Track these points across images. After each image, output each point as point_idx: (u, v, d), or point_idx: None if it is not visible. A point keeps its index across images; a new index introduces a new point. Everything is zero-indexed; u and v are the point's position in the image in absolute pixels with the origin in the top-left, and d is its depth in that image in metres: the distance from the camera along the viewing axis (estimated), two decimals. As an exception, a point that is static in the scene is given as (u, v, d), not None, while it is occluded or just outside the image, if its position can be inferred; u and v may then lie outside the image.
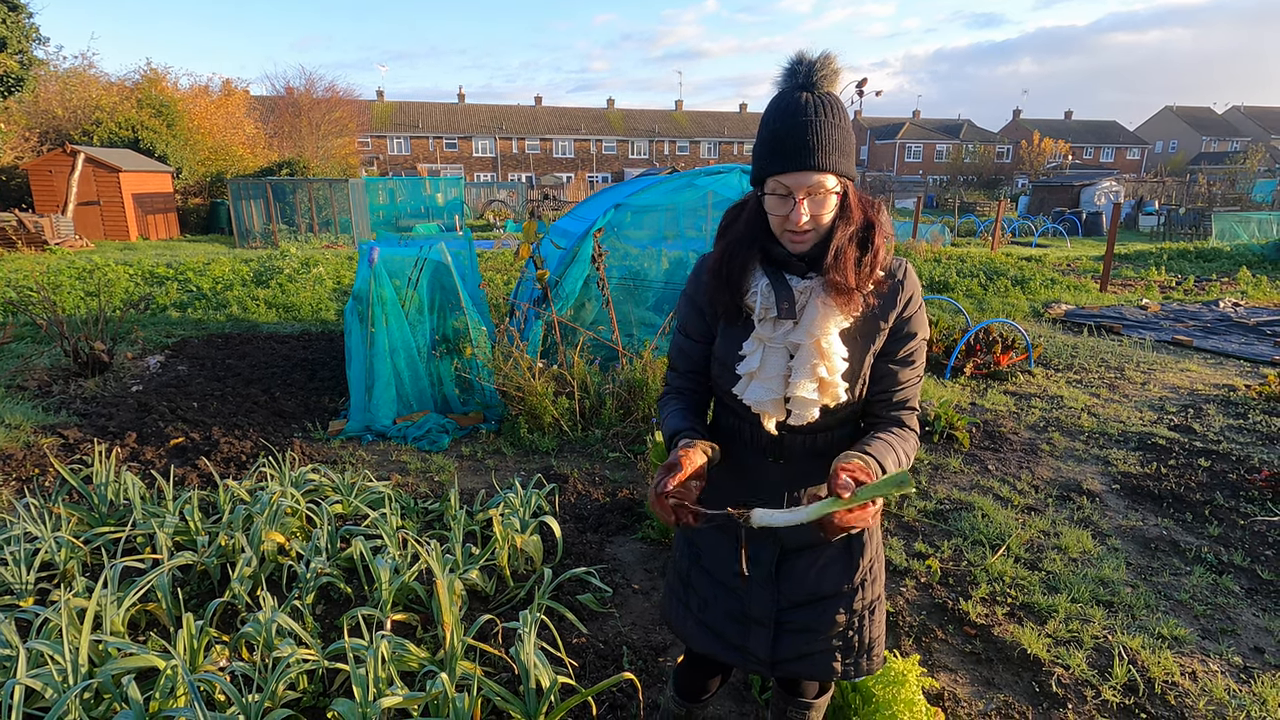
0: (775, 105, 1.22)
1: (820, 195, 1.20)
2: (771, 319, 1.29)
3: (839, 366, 1.27)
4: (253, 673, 1.97)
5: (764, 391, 1.30)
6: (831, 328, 1.26)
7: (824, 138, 1.18)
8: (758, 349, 1.31)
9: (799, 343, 1.27)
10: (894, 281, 1.31)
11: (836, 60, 1.20)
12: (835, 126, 1.19)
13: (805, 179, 1.19)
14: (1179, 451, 4.21)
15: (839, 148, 1.19)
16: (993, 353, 5.97)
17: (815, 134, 1.17)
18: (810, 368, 1.26)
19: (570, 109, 54.09)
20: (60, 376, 5.46)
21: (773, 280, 1.29)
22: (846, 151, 1.21)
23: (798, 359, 1.27)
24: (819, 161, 1.18)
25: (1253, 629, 2.57)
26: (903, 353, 1.33)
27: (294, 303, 8.74)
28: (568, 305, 5.09)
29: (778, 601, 1.42)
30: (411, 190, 25.46)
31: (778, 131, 1.20)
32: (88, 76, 24.61)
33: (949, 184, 46.00)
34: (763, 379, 1.30)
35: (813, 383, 1.26)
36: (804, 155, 1.18)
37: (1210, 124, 60.06)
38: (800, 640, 1.43)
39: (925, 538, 3.22)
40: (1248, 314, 8.55)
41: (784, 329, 1.28)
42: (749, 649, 1.45)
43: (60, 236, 15.88)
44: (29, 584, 2.52)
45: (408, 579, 2.50)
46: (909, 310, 1.32)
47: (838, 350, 1.27)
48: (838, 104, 1.21)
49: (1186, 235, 19.86)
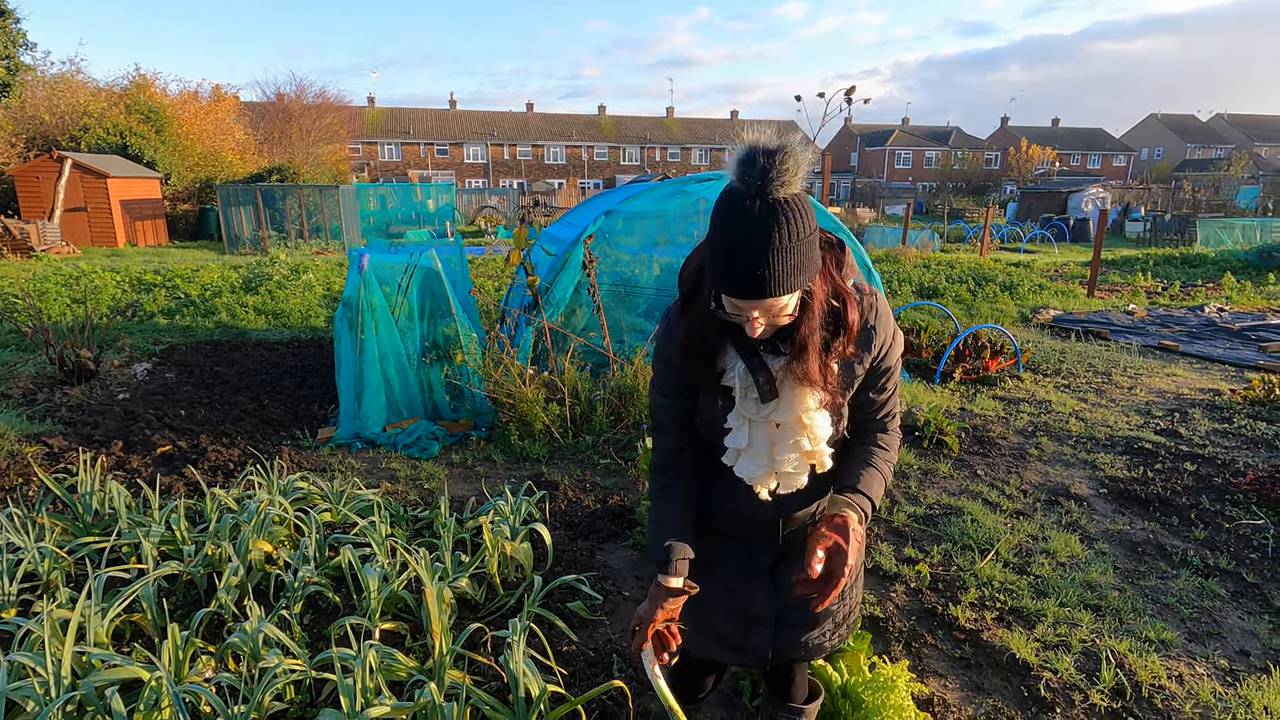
0: (724, 213, 1.10)
1: (775, 312, 1.16)
2: (753, 400, 1.29)
3: (822, 435, 1.31)
4: (239, 684, 1.95)
5: (754, 467, 1.33)
6: (811, 403, 1.28)
7: (776, 264, 1.08)
8: (744, 426, 1.32)
9: (781, 421, 1.30)
10: (868, 329, 1.31)
11: (797, 155, 1.06)
12: (789, 248, 1.08)
13: (755, 305, 1.13)
14: (1165, 456, 4.24)
15: (795, 269, 1.10)
16: (981, 358, 6.01)
17: (767, 262, 1.07)
18: (794, 443, 1.30)
19: (562, 115, 54.16)
20: (46, 384, 5.41)
21: (748, 364, 1.27)
22: (804, 266, 1.12)
23: (780, 435, 1.31)
24: (770, 290, 1.10)
25: (1238, 632, 2.59)
26: (883, 381, 1.38)
27: (283, 309, 8.70)
28: (559, 312, 5.09)
29: (777, 599, 1.49)
30: (403, 196, 25.44)
31: (728, 248, 1.10)
32: (75, 82, 24.46)
33: (938, 190, 46.42)
34: (751, 455, 1.33)
35: (797, 455, 1.31)
36: (755, 286, 1.09)
37: (1195, 131, 60.86)
38: (798, 632, 1.51)
39: (915, 543, 3.23)
40: (1232, 319, 8.66)
41: (767, 408, 1.29)
42: (749, 647, 1.52)
43: (46, 243, 15.74)
44: (11, 595, 2.49)
45: (396, 587, 2.48)
46: (884, 349, 1.34)
47: (819, 423, 1.30)
48: (795, 211, 1.08)
49: (1172, 241, 20.10)
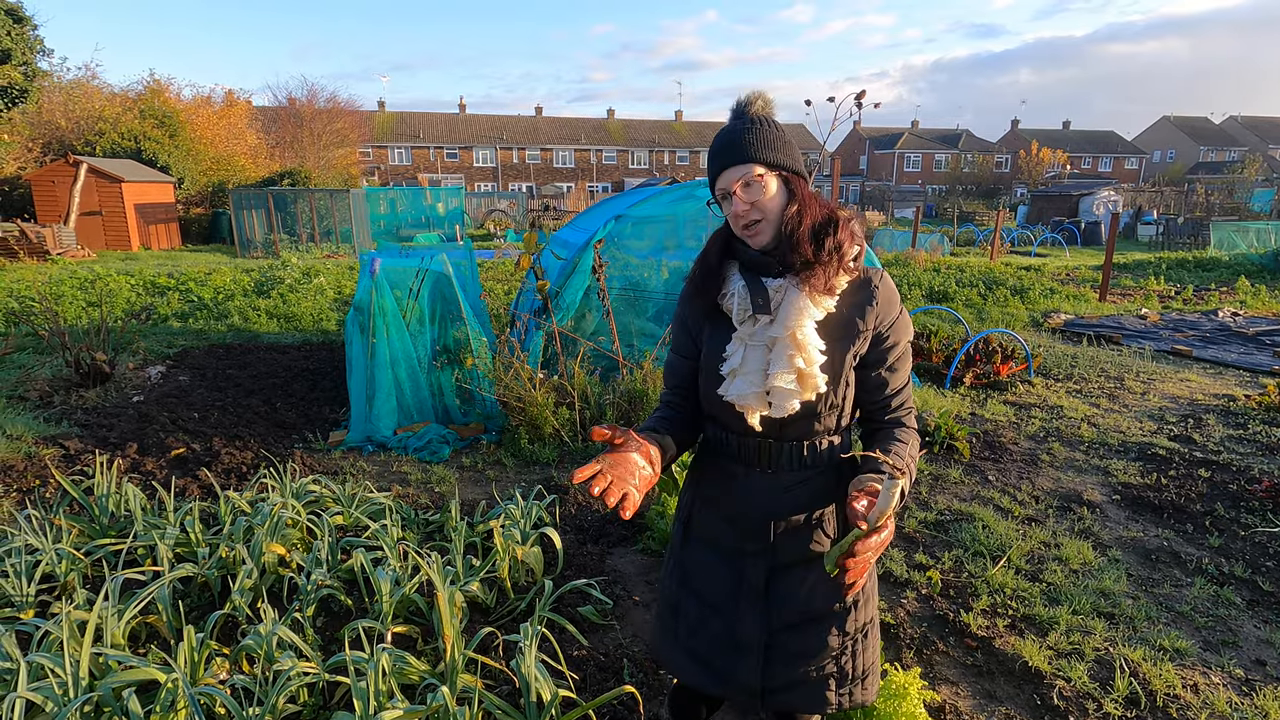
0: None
1: (755, 183, 1.30)
2: (749, 317, 1.35)
3: (816, 358, 1.31)
4: (253, 686, 1.96)
5: (745, 385, 1.34)
6: (806, 321, 1.31)
7: (748, 137, 1.31)
8: (739, 348, 1.36)
9: (776, 337, 1.32)
10: (869, 286, 1.36)
11: (767, 95, 1.35)
12: (759, 130, 1.31)
13: (734, 173, 1.31)
14: (1179, 462, 4.21)
15: (765, 143, 1.30)
16: (992, 362, 5.98)
17: (739, 136, 1.31)
18: (788, 359, 1.31)
19: (570, 119, 54.34)
20: (62, 387, 5.47)
21: (748, 282, 1.37)
22: (775, 146, 1.31)
23: (775, 351, 1.32)
24: (742, 155, 1.30)
25: (1254, 641, 2.56)
26: (891, 359, 1.37)
27: (295, 313, 8.76)
28: (568, 316, 5.11)
29: (768, 622, 1.39)
30: (412, 200, 25.59)
31: (711, 150, 1.37)
32: (91, 88, 24.78)
33: (948, 193, 46.20)
34: (744, 374, 1.35)
35: (790, 374, 1.31)
36: (728, 153, 1.32)
37: (1207, 133, 60.34)
38: (791, 667, 1.39)
39: (926, 549, 3.22)
40: (1247, 324, 8.57)
41: (762, 325, 1.34)
42: (737, 678, 1.41)
43: (62, 246, 15.94)
44: (29, 596, 2.52)
45: (408, 591, 2.49)
46: (888, 315, 1.36)
47: (814, 342, 1.31)
48: (765, 118, 1.34)
49: (1185, 245, 19.94)
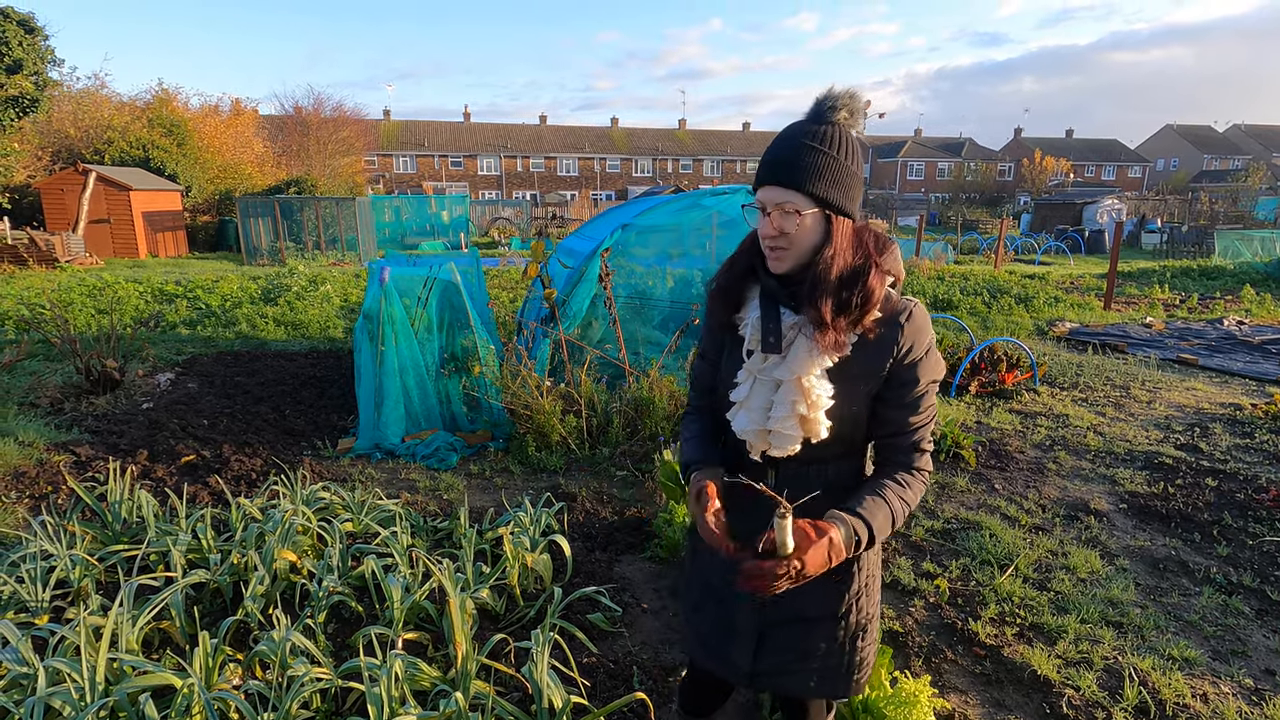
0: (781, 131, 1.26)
1: (790, 212, 1.20)
2: (759, 352, 1.30)
3: (822, 405, 1.25)
4: (267, 691, 1.98)
5: (748, 421, 1.31)
6: (815, 367, 1.24)
7: (805, 159, 1.18)
8: (748, 380, 1.32)
9: (782, 380, 1.27)
10: (894, 326, 1.25)
11: (860, 98, 1.19)
12: (823, 153, 1.18)
13: (775, 194, 1.21)
14: (1186, 471, 4.21)
15: (821, 172, 1.18)
16: (997, 371, 5.99)
17: (796, 153, 1.19)
18: (790, 404, 1.25)
19: (574, 128, 54.62)
20: (72, 394, 5.52)
21: (764, 312, 1.30)
22: (830, 178, 1.19)
23: (779, 394, 1.28)
24: (790, 178, 1.18)
25: (1263, 650, 2.56)
26: (909, 398, 1.29)
27: (302, 320, 8.81)
28: (575, 324, 5.14)
29: (761, 618, 1.42)
30: (417, 208, 25.71)
31: (768, 150, 1.25)
32: (100, 97, 25.00)
33: (951, 202, 46.21)
34: (748, 409, 1.31)
35: (792, 418, 1.26)
36: (777, 170, 1.20)
37: (1211, 142, 60.36)
38: (783, 657, 1.42)
39: (933, 557, 3.22)
40: (1252, 332, 8.56)
41: (771, 362, 1.29)
42: (731, 658, 1.46)
43: (71, 254, 16.05)
44: (44, 601, 2.55)
45: (419, 597, 2.51)
46: (910, 356, 1.27)
47: (820, 389, 1.25)
48: (840, 135, 1.20)
49: (1189, 253, 19.93)
